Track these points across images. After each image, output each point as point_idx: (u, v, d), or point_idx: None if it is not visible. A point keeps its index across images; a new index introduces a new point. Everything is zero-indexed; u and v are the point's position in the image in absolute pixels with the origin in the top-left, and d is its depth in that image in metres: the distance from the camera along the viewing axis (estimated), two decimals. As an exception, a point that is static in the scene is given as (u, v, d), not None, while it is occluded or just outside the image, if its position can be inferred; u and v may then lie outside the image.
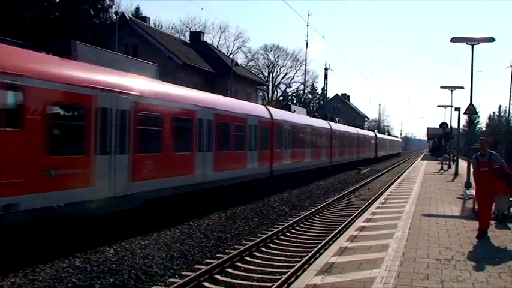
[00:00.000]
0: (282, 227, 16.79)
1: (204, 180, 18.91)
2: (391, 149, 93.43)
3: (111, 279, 10.25)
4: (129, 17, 43.79)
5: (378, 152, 70.52)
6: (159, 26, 65.63)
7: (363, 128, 67.38)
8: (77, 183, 12.41)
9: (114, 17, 39.13)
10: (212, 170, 19.60)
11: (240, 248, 13.54)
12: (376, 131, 78.54)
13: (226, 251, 13.69)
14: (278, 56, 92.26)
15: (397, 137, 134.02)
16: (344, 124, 52.63)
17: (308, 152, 34.24)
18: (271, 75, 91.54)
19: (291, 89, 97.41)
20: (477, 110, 28.91)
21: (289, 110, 33.92)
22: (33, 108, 11.08)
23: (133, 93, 14.63)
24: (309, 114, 40.27)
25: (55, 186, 11.65)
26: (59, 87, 11.92)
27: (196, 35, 55.90)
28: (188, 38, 58.30)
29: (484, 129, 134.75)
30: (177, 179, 17.02)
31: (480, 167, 12.93)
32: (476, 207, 16.83)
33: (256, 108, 26.67)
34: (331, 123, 44.40)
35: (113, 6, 45.79)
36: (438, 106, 49.49)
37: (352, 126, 59.16)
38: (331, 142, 41.74)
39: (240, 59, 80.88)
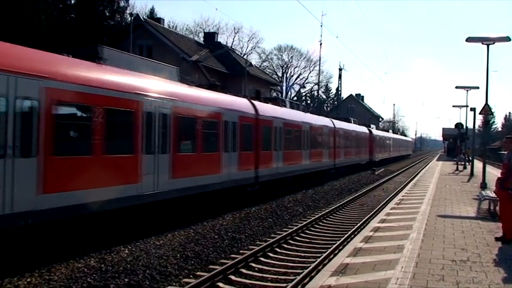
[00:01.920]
0: (296, 227, 16.76)
1: (152, 190, 14.82)
2: (396, 150, 78.08)
3: (126, 279, 10.30)
4: (143, 18, 44.01)
5: (374, 155, 55.06)
6: (173, 27, 65.85)
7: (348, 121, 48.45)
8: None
9: (129, 18, 39.33)
10: (168, 176, 15.63)
11: (254, 249, 13.53)
12: (374, 127, 62.24)
13: (241, 251, 13.68)
14: (292, 57, 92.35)
15: (405, 135, 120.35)
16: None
17: (306, 153, 30.21)
18: (285, 75, 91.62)
19: (305, 89, 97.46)
20: (493, 110, 28.63)
21: (280, 104, 29.64)
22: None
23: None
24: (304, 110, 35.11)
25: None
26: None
27: (210, 36, 55.99)
28: (202, 38, 58.42)
29: (499, 129, 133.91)
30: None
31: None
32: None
33: (235, 102, 21.65)
34: (335, 120, 40.69)
35: (128, 8, 46.06)
36: (453, 106, 49.21)
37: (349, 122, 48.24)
38: (334, 142, 37.94)
39: (254, 59, 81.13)
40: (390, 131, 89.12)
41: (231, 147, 20.06)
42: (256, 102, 23.95)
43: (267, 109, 24.98)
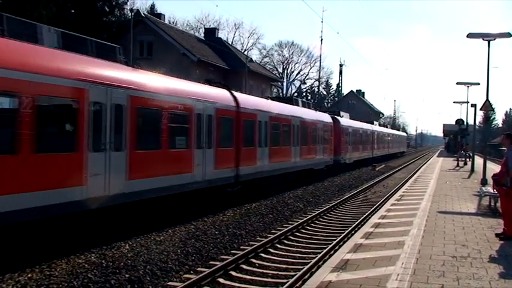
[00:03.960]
0: (297, 223, 16.77)
1: (99, 194, 12.72)
2: (382, 147, 62.85)
3: (126, 275, 10.31)
4: (144, 14, 44.00)
5: (342, 154, 39.77)
6: (173, 22, 65.91)
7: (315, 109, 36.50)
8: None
9: (129, 14, 39.35)
10: (123, 178, 13.63)
11: (254, 245, 13.55)
12: (347, 115, 47.24)
13: (241, 247, 13.70)
14: (293, 53, 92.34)
15: (398, 129, 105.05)
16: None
17: (296, 150, 27.85)
18: (285, 71, 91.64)
19: (306, 85, 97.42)
20: (493, 107, 28.58)
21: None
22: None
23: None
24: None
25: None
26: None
27: (210, 32, 55.98)
28: (203, 34, 58.38)
29: (500, 125, 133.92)
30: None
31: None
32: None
33: (210, 93, 19.16)
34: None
35: (128, 3, 46.03)
36: (454, 102, 49.58)
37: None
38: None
39: (255, 55, 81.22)
40: (377, 123, 67.49)
41: (206, 144, 17.90)
42: (237, 94, 21.52)
43: (249, 101, 22.78)
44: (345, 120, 42.86)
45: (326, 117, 36.01)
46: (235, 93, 21.44)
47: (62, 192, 11.56)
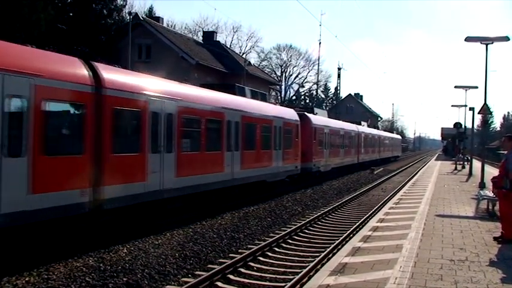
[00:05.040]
0: (295, 227, 16.77)
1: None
2: (371, 151, 55.01)
3: (124, 279, 10.30)
4: (142, 17, 44.02)
5: (314, 159, 32.01)
6: (172, 26, 65.81)
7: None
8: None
9: (128, 17, 39.34)
10: (26, 191, 10.57)
11: (253, 248, 13.52)
12: (324, 113, 42.43)
13: (239, 250, 13.69)
14: (291, 56, 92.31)
15: (392, 131, 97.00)
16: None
17: (232, 156, 20.16)
18: (284, 74, 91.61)
19: (304, 88, 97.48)
20: (491, 110, 28.66)
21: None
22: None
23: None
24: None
25: None
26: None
27: (209, 35, 56.01)
28: (201, 38, 58.42)
29: (498, 129, 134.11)
30: None
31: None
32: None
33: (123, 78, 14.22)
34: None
35: (126, 7, 46.04)
36: (452, 106, 49.25)
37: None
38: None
39: (253, 58, 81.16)
40: (365, 124, 58.94)
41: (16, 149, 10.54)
42: (100, 65, 13.27)
43: (126, 79, 14.47)
44: (318, 118, 34.94)
45: (289, 114, 28.13)
46: (98, 65, 13.24)
47: None
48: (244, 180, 21.43)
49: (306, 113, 32.65)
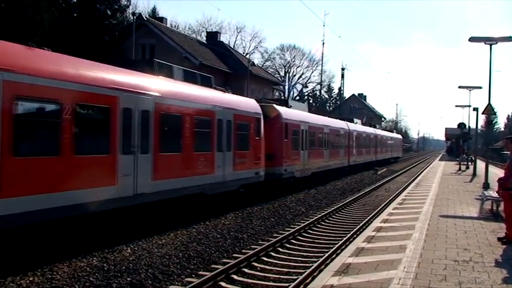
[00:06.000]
0: (299, 227, 16.77)
1: None
2: (365, 151, 48.96)
3: (128, 279, 10.32)
4: (146, 17, 44.05)
5: (293, 163, 27.07)
6: (175, 26, 65.78)
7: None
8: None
9: (131, 18, 39.37)
10: None
11: (256, 248, 13.53)
12: (292, 104, 30.55)
13: (243, 250, 13.69)
14: (294, 56, 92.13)
15: (392, 131, 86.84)
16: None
17: (143, 162, 14.33)
18: (287, 75, 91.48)
19: (308, 89, 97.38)
20: (495, 110, 28.59)
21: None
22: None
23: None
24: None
25: None
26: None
27: (212, 35, 55.99)
28: (205, 38, 58.42)
29: (502, 129, 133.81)
30: None
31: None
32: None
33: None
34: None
35: (130, 7, 46.02)
36: (456, 106, 49.13)
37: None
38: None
39: (257, 59, 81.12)
40: (359, 122, 52.16)
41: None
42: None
43: (84, 71, 12.32)
44: (291, 112, 27.87)
45: (245, 105, 22.07)
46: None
47: None
48: (170, 194, 15.56)
49: (274, 105, 26.30)
